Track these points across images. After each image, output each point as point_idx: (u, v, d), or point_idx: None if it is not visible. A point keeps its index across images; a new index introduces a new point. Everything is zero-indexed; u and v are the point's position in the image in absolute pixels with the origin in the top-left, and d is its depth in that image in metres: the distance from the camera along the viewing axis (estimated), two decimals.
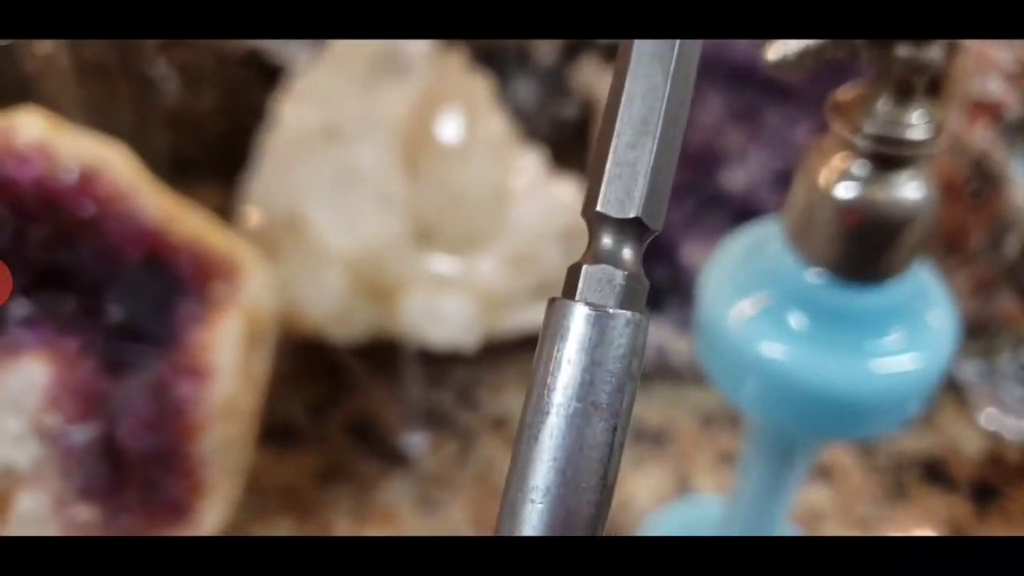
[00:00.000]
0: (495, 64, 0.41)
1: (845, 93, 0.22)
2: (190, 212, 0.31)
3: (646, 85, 0.13)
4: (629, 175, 0.13)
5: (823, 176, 0.21)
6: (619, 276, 0.13)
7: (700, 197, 0.38)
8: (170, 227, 0.31)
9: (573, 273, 0.13)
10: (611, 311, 0.12)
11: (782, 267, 0.22)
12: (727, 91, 0.37)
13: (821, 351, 0.22)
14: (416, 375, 0.38)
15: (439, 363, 0.44)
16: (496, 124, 0.35)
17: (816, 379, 0.22)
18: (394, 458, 0.39)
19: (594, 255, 0.13)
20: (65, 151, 0.30)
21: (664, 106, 0.13)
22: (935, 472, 0.39)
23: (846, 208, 0.21)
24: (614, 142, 0.13)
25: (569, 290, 0.13)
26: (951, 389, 0.42)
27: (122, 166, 0.31)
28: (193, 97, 0.47)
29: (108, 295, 0.30)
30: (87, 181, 0.30)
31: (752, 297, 0.23)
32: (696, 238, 0.38)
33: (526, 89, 0.41)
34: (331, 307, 0.33)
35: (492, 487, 0.37)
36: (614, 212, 0.13)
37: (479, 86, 0.36)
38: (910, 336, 0.23)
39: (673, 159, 0.13)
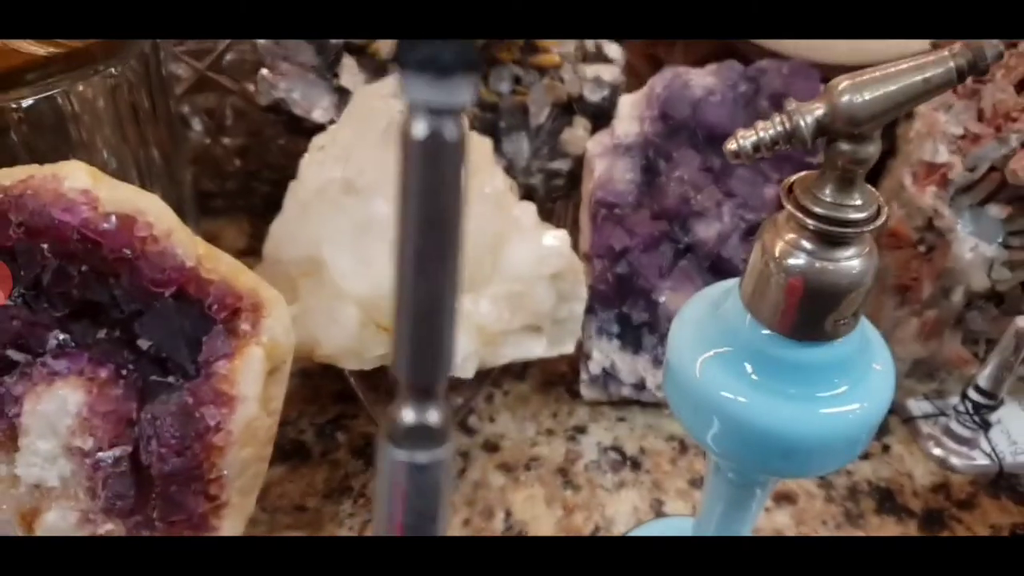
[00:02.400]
0: (493, 126, 0.45)
1: (798, 179, 0.25)
2: (218, 254, 0.34)
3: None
4: None
5: (777, 248, 0.25)
6: None
7: (676, 246, 0.42)
8: (200, 267, 0.34)
9: None
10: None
11: (740, 324, 0.26)
12: (703, 151, 0.41)
13: (775, 399, 0.25)
14: None
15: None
16: (497, 179, 0.38)
17: (771, 423, 0.25)
18: None
19: None
20: (106, 198, 0.34)
21: None
22: (888, 500, 0.42)
23: (794, 277, 0.24)
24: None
25: None
26: (904, 423, 0.46)
27: (158, 212, 0.34)
28: (218, 140, 0.50)
29: (140, 328, 0.34)
30: (125, 225, 0.34)
31: (714, 349, 0.26)
32: (672, 283, 0.42)
33: (520, 146, 0.45)
34: (345, 342, 0.37)
35: (484, 508, 0.41)
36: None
37: (482, 145, 0.39)
38: (855, 384, 0.26)
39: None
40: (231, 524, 0.34)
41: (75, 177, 0.33)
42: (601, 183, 0.43)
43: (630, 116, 0.43)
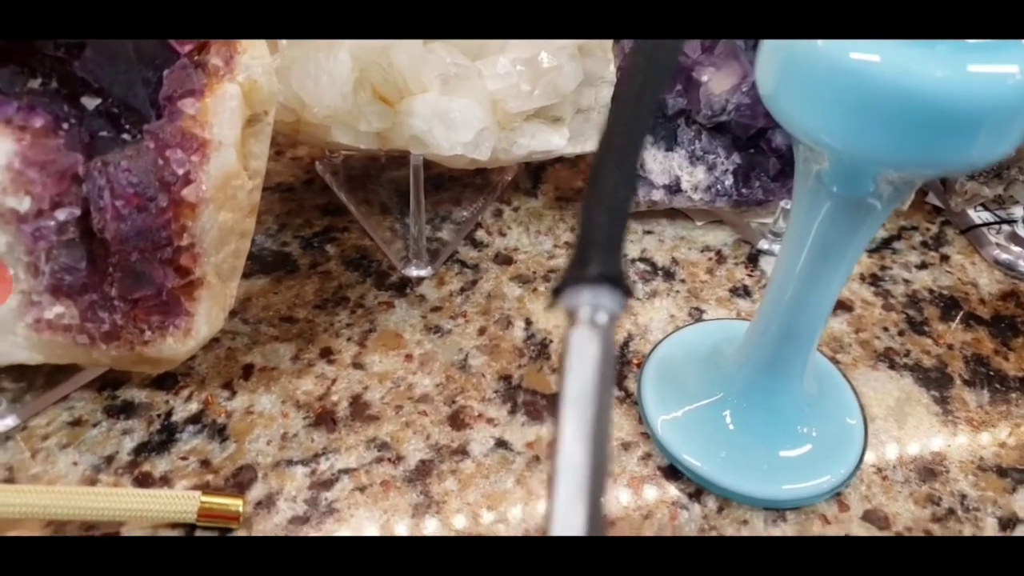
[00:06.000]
0: None
1: None
2: None
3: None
4: None
5: None
6: None
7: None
8: None
9: None
10: None
11: None
12: None
13: (918, 51, 0.19)
14: (421, 200, 0.35)
15: (443, 202, 0.42)
16: None
17: (910, 84, 0.19)
18: (397, 288, 0.37)
19: None
20: None
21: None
22: (954, 307, 0.38)
23: None
24: None
25: None
26: (962, 234, 0.41)
27: None
28: None
29: (82, 67, 0.27)
30: None
31: None
32: (717, 60, 0.36)
33: None
34: (336, 101, 0.30)
35: (501, 318, 0.35)
36: None
37: None
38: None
39: None
40: (206, 310, 0.28)
41: None
42: None
43: None
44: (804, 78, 0.21)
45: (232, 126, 0.27)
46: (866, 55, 0.19)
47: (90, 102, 0.28)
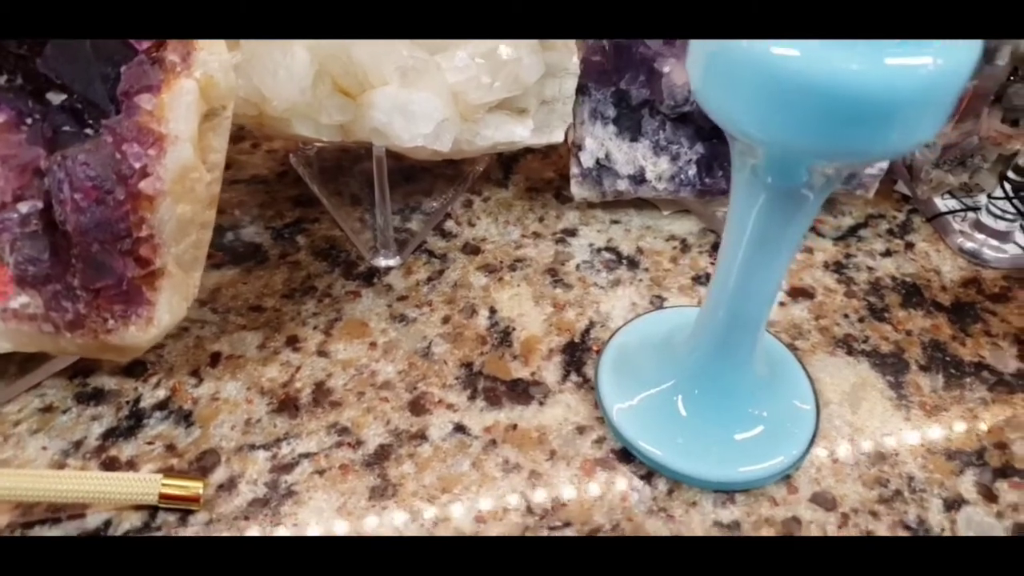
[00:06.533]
0: None
1: None
2: None
3: None
4: None
5: None
6: None
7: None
8: None
9: None
10: None
11: None
12: None
13: (835, 51, 0.20)
14: (386, 190, 0.36)
15: (413, 193, 0.42)
16: None
17: (831, 77, 0.19)
18: (365, 278, 0.37)
19: None
20: None
21: None
22: (915, 294, 0.38)
23: None
24: None
25: None
26: (928, 222, 0.42)
27: None
28: None
29: (44, 64, 0.28)
30: None
31: None
32: (679, 49, 0.36)
33: None
34: (295, 95, 0.31)
35: (466, 306, 0.36)
36: None
37: None
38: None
39: None
40: (168, 299, 0.29)
41: None
42: None
43: None
44: (729, 73, 0.21)
45: (188, 121, 0.27)
46: (786, 50, 0.20)
47: (55, 98, 0.29)
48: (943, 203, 0.42)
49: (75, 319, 0.28)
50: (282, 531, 0.27)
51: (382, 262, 0.38)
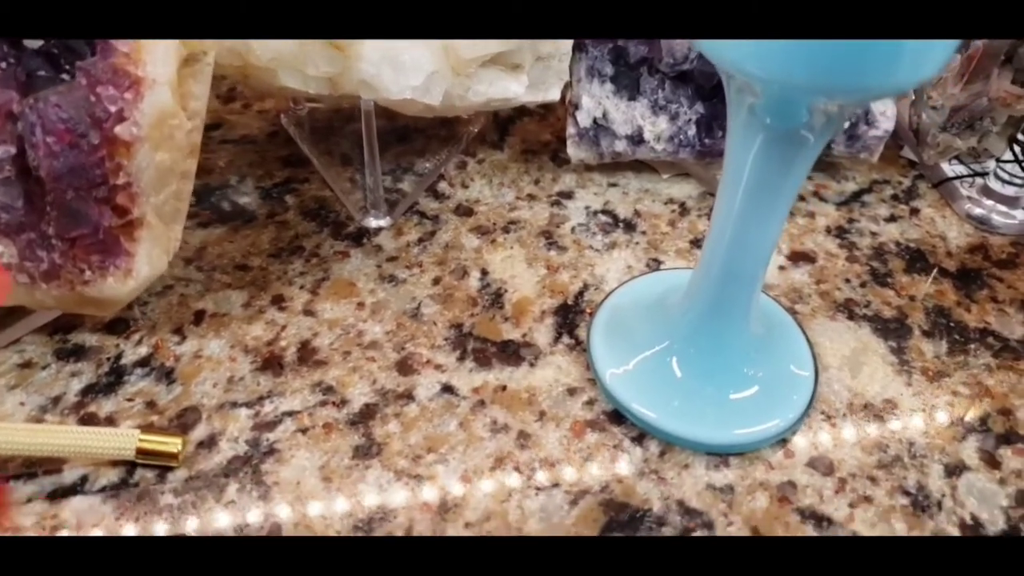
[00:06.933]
0: None
1: None
2: None
3: None
4: None
5: None
6: None
7: None
8: None
9: None
10: None
11: None
12: None
13: None
14: (375, 147, 0.35)
15: (406, 154, 0.41)
16: None
17: None
18: (354, 239, 0.36)
19: None
20: None
21: None
22: (920, 259, 0.37)
23: None
24: None
25: None
26: (935, 187, 0.40)
27: None
28: None
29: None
30: None
31: None
32: None
33: None
34: (282, 45, 0.30)
35: (457, 268, 0.35)
36: None
37: None
38: None
39: None
40: (148, 251, 0.28)
41: None
42: None
43: None
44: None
45: (166, 64, 0.26)
46: None
47: (32, 43, 0.28)
48: (950, 168, 0.40)
49: (50, 269, 0.27)
50: (262, 490, 0.27)
51: (372, 222, 0.37)
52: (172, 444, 0.27)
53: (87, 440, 0.26)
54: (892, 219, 0.39)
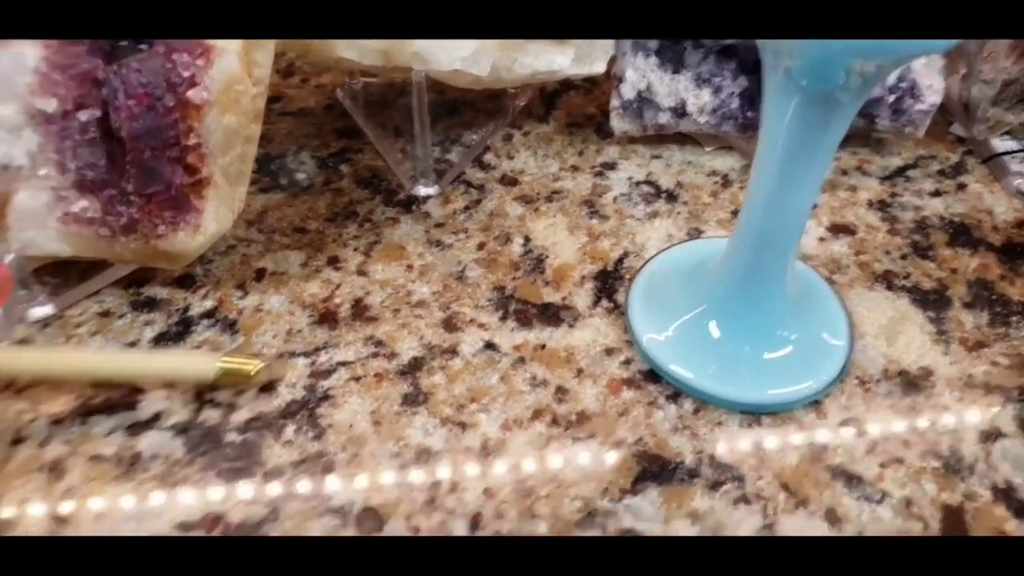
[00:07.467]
0: None
1: None
2: None
3: None
4: None
5: None
6: None
7: None
8: None
9: None
10: None
11: None
12: None
13: None
14: (425, 118, 0.37)
15: (454, 126, 0.43)
16: None
17: None
18: (404, 206, 0.38)
19: None
20: None
21: None
22: (963, 233, 0.37)
23: None
24: None
25: None
26: (984, 163, 0.40)
27: None
28: None
29: None
30: None
31: None
32: None
33: None
34: None
35: (501, 234, 0.37)
36: None
37: None
38: None
39: None
40: (215, 208, 0.30)
41: None
42: None
43: None
44: None
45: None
46: None
47: None
48: (1001, 143, 0.40)
49: (129, 223, 0.30)
50: (317, 431, 0.29)
51: (421, 191, 0.39)
52: (251, 365, 0.29)
53: (171, 362, 0.29)
54: (937, 194, 0.39)
